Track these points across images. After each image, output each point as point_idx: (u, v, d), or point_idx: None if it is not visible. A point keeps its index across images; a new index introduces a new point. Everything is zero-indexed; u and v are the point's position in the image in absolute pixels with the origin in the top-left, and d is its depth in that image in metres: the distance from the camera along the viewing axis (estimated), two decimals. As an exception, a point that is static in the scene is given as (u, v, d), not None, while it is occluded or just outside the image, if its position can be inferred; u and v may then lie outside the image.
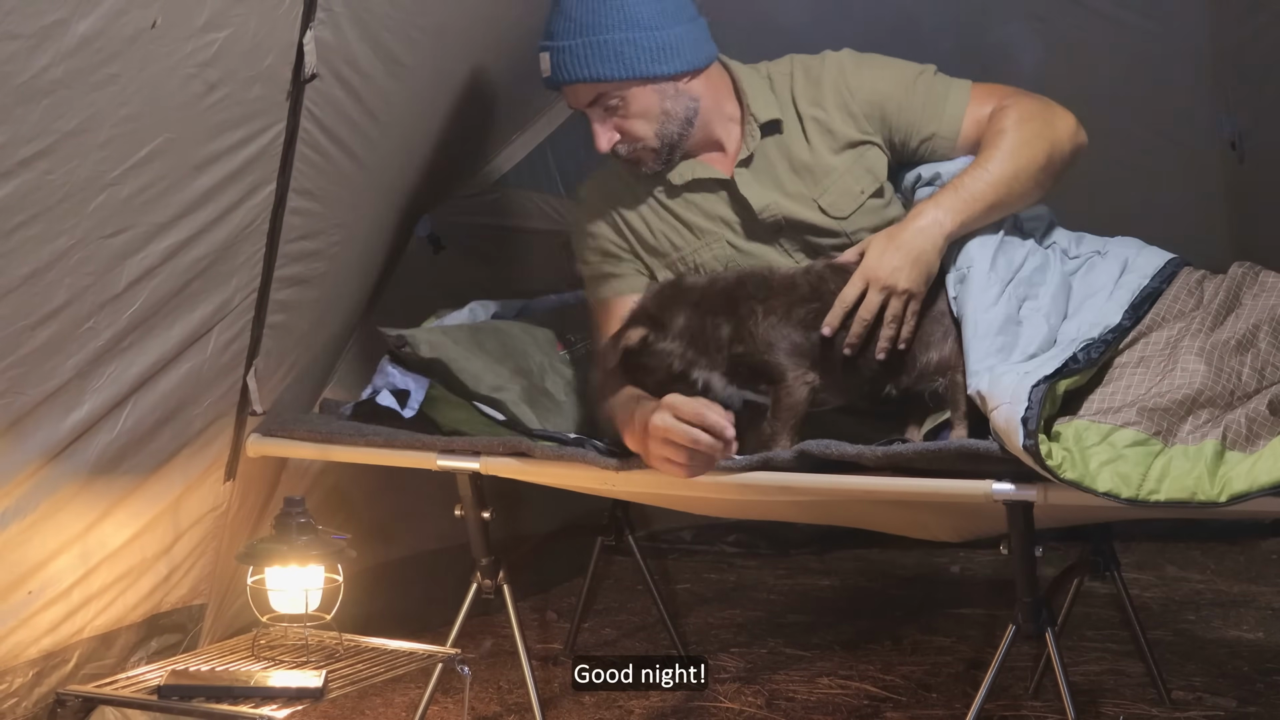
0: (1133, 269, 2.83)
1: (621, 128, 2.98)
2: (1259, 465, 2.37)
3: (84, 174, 2.39)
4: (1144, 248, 2.91)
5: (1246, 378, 2.58)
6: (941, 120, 2.97)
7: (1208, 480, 2.38)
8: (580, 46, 2.92)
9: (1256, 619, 3.88)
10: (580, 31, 2.92)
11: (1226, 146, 3.97)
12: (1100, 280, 2.82)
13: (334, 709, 3.16)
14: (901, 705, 3.26)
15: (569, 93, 3.00)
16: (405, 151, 3.14)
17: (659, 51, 2.95)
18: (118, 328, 2.61)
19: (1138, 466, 2.41)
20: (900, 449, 2.56)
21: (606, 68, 2.92)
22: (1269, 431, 2.46)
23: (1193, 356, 2.60)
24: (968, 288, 2.74)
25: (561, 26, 2.94)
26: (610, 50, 2.92)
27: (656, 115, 2.97)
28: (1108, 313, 2.72)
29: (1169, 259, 2.85)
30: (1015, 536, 2.56)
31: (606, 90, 2.95)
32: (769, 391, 2.76)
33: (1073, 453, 2.42)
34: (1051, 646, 2.62)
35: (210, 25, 2.43)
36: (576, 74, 2.94)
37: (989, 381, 2.55)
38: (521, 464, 2.85)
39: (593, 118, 2.99)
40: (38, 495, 2.63)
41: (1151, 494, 2.40)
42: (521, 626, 2.97)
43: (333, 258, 3.02)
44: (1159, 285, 2.77)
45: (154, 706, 2.54)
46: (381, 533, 3.55)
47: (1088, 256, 2.89)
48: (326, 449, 3.00)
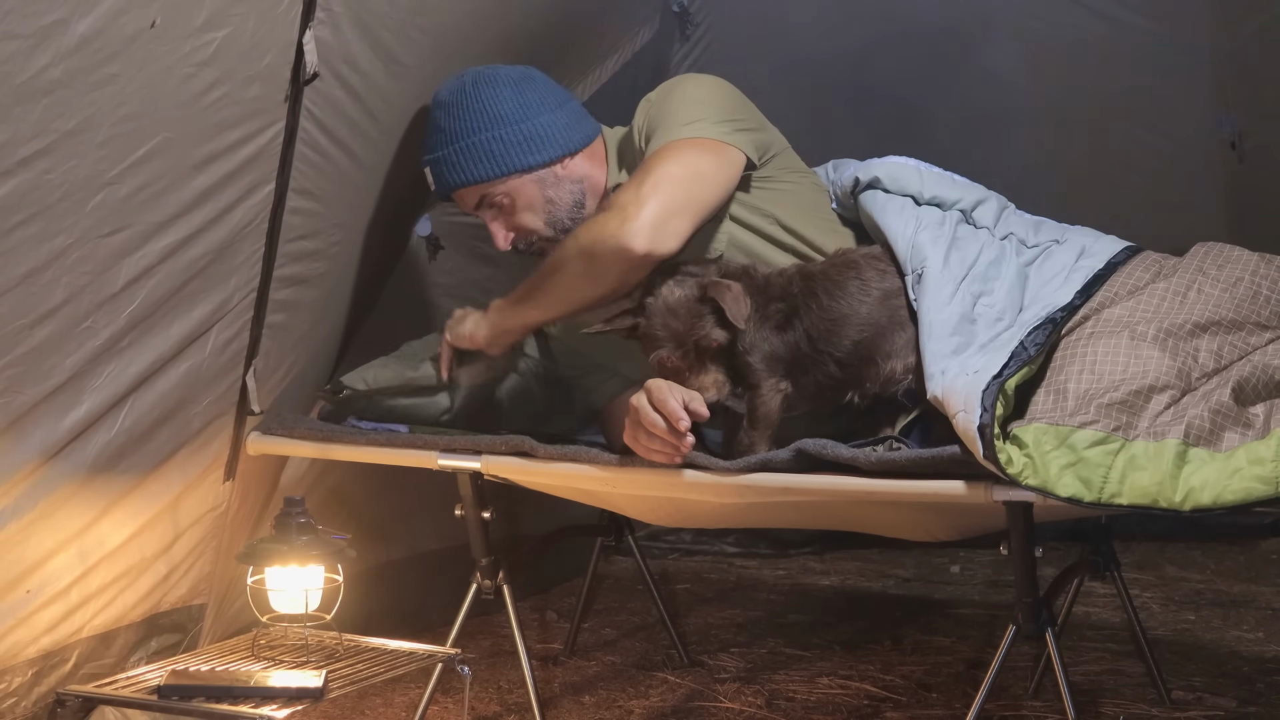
0: (1090, 254, 2.82)
1: (512, 224, 3.04)
2: (1228, 484, 2.34)
3: (83, 173, 2.39)
4: (1103, 236, 2.91)
5: (1204, 358, 2.55)
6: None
7: (1170, 485, 2.36)
8: (453, 154, 3.01)
9: (1256, 619, 3.88)
10: (451, 140, 3.01)
11: (1226, 146, 3.97)
12: (1055, 268, 2.81)
13: (334, 709, 3.15)
14: (901, 705, 3.26)
15: (457, 200, 3.08)
16: (405, 151, 3.13)
17: (527, 143, 3.01)
18: (116, 327, 2.61)
19: (1098, 469, 2.39)
20: (894, 456, 2.55)
21: (480, 168, 3.01)
22: (1233, 423, 2.43)
23: (1147, 344, 2.56)
24: (923, 288, 2.73)
25: (435, 139, 3.04)
26: (480, 151, 3.00)
27: (542, 205, 3.03)
28: (1059, 297, 2.70)
29: (1127, 246, 2.85)
30: (1015, 537, 2.56)
31: (488, 191, 3.02)
32: (744, 397, 2.77)
33: (1034, 459, 2.41)
34: (1052, 646, 2.61)
35: (209, 25, 2.44)
36: (455, 180, 3.03)
37: (943, 385, 2.54)
38: (523, 463, 2.84)
39: (486, 219, 3.06)
40: (36, 494, 2.63)
41: (1114, 496, 2.38)
42: (521, 626, 2.97)
43: (332, 258, 3.02)
44: (1113, 267, 2.76)
45: (154, 706, 2.53)
46: (381, 533, 3.55)
47: (1045, 245, 2.88)
48: (326, 448, 3.00)
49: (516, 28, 3.27)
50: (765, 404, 2.74)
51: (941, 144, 4.15)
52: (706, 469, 2.66)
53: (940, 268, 2.75)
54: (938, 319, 2.68)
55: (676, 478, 2.69)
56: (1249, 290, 2.65)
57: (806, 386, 2.77)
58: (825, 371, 2.76)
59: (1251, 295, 2.65)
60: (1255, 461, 2.36)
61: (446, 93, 3.03)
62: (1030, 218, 2.99)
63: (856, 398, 2.78)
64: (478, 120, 2.99)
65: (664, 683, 3.43)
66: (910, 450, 2.61)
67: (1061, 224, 2.97)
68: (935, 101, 4.17)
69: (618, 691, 3.38)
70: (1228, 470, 2.36)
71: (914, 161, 3.05)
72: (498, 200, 3.02)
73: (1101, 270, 2.75)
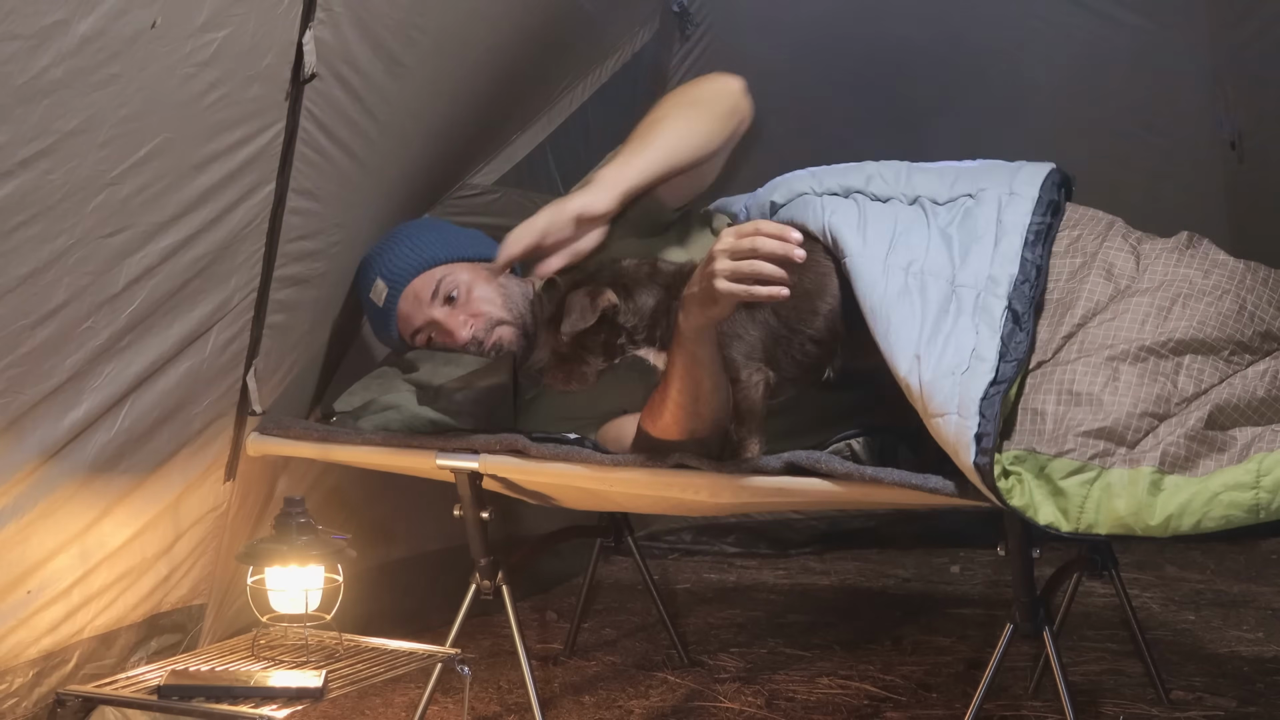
0: (1010, 207, 2.75)
1: (470, 310, 3.03)
2: (1208, 511, 2.35)
3: (83, 174, 2.39)
4: (1011, 171, 2.85)
5: (1183, 382, 2.52)
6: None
7: (1146, 512, 2.36)
8: (406, 251, 3.07)
9: (1256, 619, 3.88)
10: (399, 242, 3.09)
11: (1226, 146, 3.97)
12: (980, 228, 2.73)
13: (334, 709, 3.16)
14: (901, 705, 3.26)
15: (410, 300, 3.05)
16: (405, 151, 3.14)
17: (477, 239, 3.14)
18: (116, 327, 2.61)
19: (1074, 499, 2.39)
20: (883, 476, 2.54)
21: (432, 251, 3.07)
22: (1209, 448, 2.43)
23: (1126, 365, 2.53)
24: (853, 273, 2.66)
25: (384, 257, 3.10)
26: (430, 241, 3.08)
27: (495, 289, 3.05)
28: (1002, 271, 2.63)
29: (1043, 180, 2.80)
30: (1013, 538, 2.56)
31: (442, 276, 3.04)
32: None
33: (1024, 478, 2.41)
34: (1049, 646, 2.62)
35: (209, 25, 2.44)
36: (409, 269, 3.05)
37: (919, 379, 2.49)
38: (521, 463, 2.84)
39: (440, 318, 3.04)
40: (36, 494, 2.63)
41: (1091, 526, 2.38)
42: (521, 626, 2.96)
43: (333, 258, 3.02)
44: (1045, 219, 2.72)
45: (154, 706, 2.53)
46: (382, 533, 3.55)
47: (959, 202, 2.81)
48: (326, 449, 3.00)
49: (516, 28, 3.27)
50: (748, 396, 2.67)
51: (941, 144, 4.14)
52: (700, 469, 2.66)
53: (861, 248, 2.69)
54: (876, 301, 2.61)
55: (672, 478, 2.69)
56: (1234, 304, 2.59)
57: (787, 369, 2.71)
58: (802, 350, 2.71)
59: (1236, 310, 2.59)
60: (1233, 487, 2.36)
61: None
62: (933, 167, 2.91)
63: (831, 374, 2.74)
64: (428, 236, 3.12)
65: (664, 683, 3.43)
66: (900, 473, 2.58)
67: (966, 166, 2.91)
68: (935, 101, 4.16)
69: (618, 691, 3.38)
70: (1205, 495, 2.36)
71: (806, 170, 3.00)
72: (453, 293, 3.04)
73: (1036, 223, 2.70)
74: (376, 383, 3.12)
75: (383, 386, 3.09)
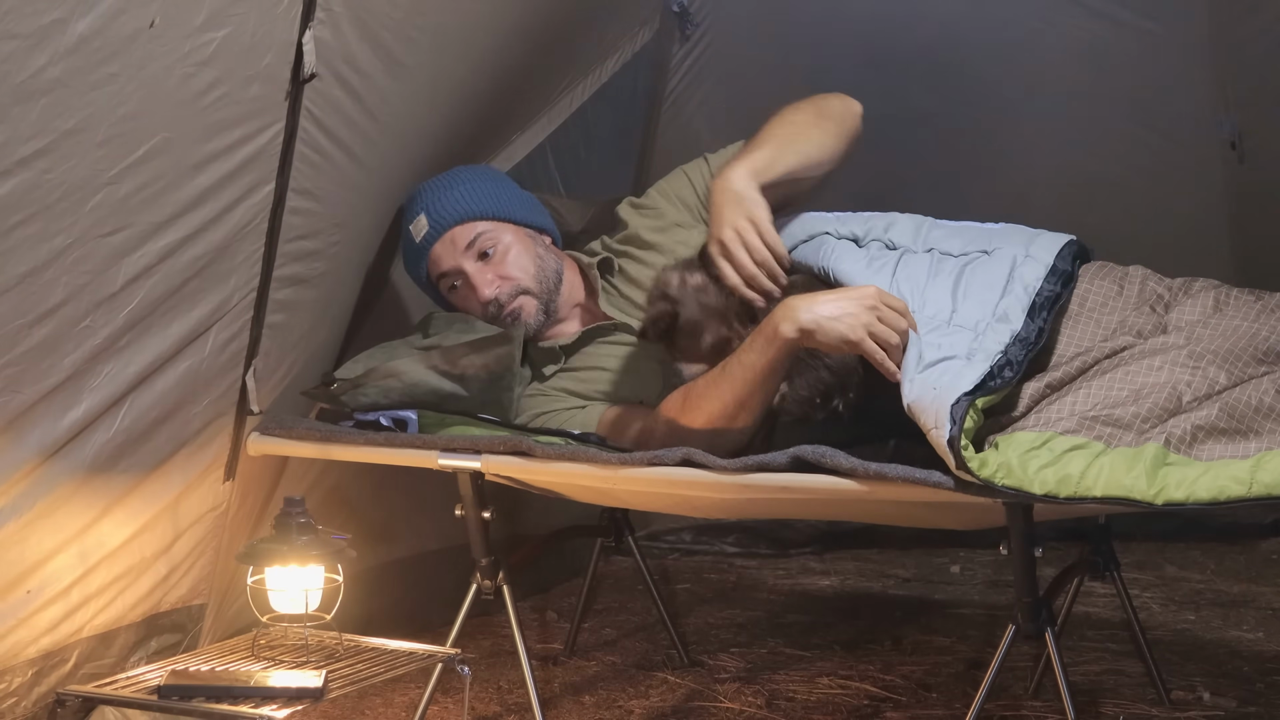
0: (1027, 262, 2.82)
1: (501, 271, 3.09)
2: (1201, 479, 2.37)
3: (82, 173, 2.39)
4: (1031, 240, 2.90)
5: (1198, 383, 2.57)
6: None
7: (1145, 480, 2.39)
8: (458, 195, 3.12)
9: (1256, 619, 3.88)
10: (454, 185, 3.14)
11: (1226, 146, 3.97)
12: (990, 276, 2.82)
13: (334, 709, 3.16)
14: (901, 705, 3.26)
15: (446, 244, 3.11)
16: (405, 151, 3.14)
17: (530, 204, 3.19)
18: (115, 326, 2.61)
19: (1074, 466, 2.43)
20: (887, 471, 2.56)
21: (482, 204, 3.11)
22: (1215, 437, 2.47)
23: (1141, 369, 2.61)
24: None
25: (435, 195, 3.15)
26: (484, 193, 3.13)
27: (533, 258, 3.11)
28: (1011, 309, 2.72)
29: (1061, 249, 2.84)
30: (1015, 537, 2.56)
31: (483, 230, 3.10)
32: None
33: (1011, 460, 2.44)
34: (1051, 646, 2.62)
35: (209, 24, 2.44)
36: (455, 215, 3.10)
37: (910, 398, 2.57)
38: (523, 462, 2.84)
39: (470, 270, 3.09)
40: (35, 493, 2.63)
41: (1088, 490, 2.41)
42: (521, 626, 2.96)
43: (332, 258, 3.02)
44: (1055, 288, 2.78)
45: (154, 706, 2.53)
46: (382, 533, 3.55)
47: (972, 255, 2.89)
48: (327, 448, 3.00)
49: (516, 28, 3.27)
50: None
51: (941, 144, 4.16)
52: (705, 467, 2.66)
53: (867, 281, 2.79)
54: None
55: (678, 475, 2.69)
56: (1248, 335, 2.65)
57: (799, 387, 2.78)
58: (817, 375, 2.78)
59: (1249, 336, 2.64)
60: (1234, 476, 2.39)
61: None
62: (952, 225, 3.00)
63: (841, 405, 2.78)
64: (487, 184, 3.17)
65: (664, 683, 3.43)
66: (904, 469, 2.59)
67: (987, 227, 2.98)
68: (935, 101, 4.16)
69: (618, 691, 3.38)
70: (1202, 469, 2.40)
71: (832, 214, 3.08)
72: (488, 250, 3.09)
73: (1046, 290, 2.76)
74: (381, 352, 3.13)
75: (386, 354, 3.10)
